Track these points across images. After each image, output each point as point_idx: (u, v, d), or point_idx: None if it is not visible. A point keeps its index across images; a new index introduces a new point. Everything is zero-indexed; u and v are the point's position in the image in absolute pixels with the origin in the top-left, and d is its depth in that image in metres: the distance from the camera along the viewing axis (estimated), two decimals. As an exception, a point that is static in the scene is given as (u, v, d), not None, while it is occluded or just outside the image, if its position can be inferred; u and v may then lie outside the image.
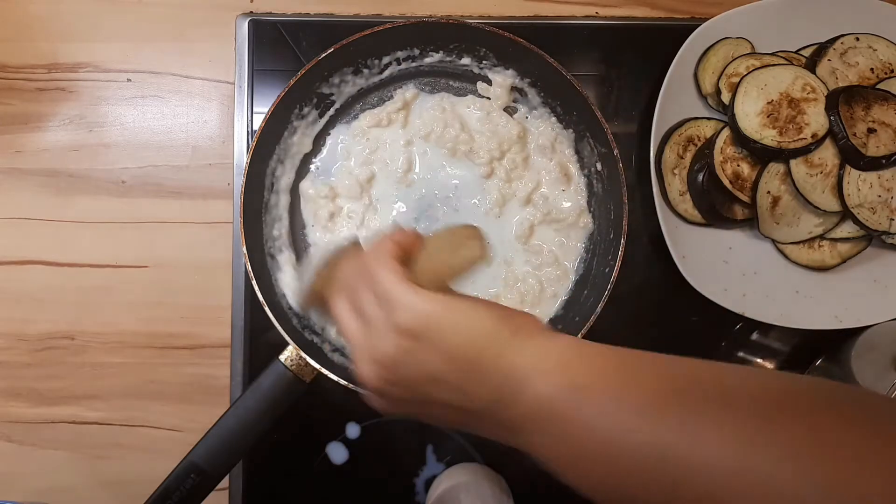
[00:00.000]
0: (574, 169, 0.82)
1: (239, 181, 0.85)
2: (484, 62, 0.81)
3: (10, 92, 0.88)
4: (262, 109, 0.79)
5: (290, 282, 0.79)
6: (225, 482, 0.83)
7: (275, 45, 0.87)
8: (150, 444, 0.86)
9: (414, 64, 0.82)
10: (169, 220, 0.88)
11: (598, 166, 0.79)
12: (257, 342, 0.84)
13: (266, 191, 0.79)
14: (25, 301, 0.87)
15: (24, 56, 0.88)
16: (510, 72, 0.81)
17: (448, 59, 0.81)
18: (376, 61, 0.81)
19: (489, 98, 0.82)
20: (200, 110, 0.89)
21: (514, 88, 0.82)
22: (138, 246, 0.87)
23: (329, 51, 0.76)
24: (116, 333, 0.87)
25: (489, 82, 0.82)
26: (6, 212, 0.87)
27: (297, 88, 0.77)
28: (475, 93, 0.83)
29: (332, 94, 0.81)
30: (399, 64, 0.82)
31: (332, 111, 0.83)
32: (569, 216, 0.80)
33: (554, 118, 0.82)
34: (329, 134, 0.83)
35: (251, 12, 0.88)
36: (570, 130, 0.81)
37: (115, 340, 0.87)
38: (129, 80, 0.89)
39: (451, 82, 0.84)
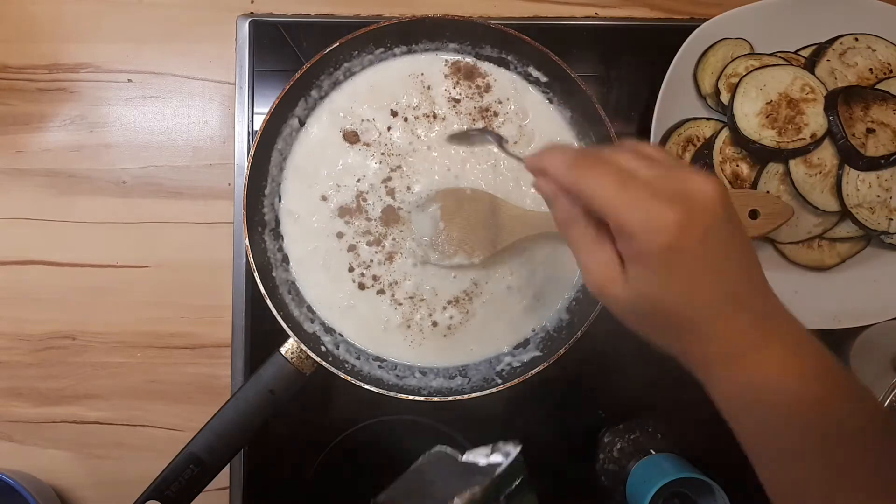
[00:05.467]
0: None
1: (239, 181, 0.85)
2: (486, 62, 0.81)
3: (11, 92, 0.88)
4: (263, 110, 0.79)
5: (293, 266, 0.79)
6: (225, 482, 0.83)
7: (275, 45, 0.87)
8: (151, 444, 0.86)
9: (414, 64, 0.82)
10: (169, 221, 0.88)
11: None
12: (258, 342, 0.84)
13: (267, 186, 0.79)
14: (26, 301, 0.87)
15: (25, 56, 0.89)
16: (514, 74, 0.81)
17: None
18: (376, 61, 0.81)
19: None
20: (201, 111, 0.89)
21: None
22: (139, 246, 0.87)
23: (328, 49, 0.76)
24: (117, 333, 0.87)
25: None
26: (7, 212, 0.88)
27: (297, 88, 0.77)
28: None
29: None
30: (399, 64, 0.82)
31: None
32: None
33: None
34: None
35: (252, 13, 0.88)
36: (575, 129, 0.81)
37: (115, 340, 0.87)
38: (129, 80, 0.89)
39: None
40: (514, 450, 0.64)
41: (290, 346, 0.74)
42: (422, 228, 0.79)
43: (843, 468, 0.47)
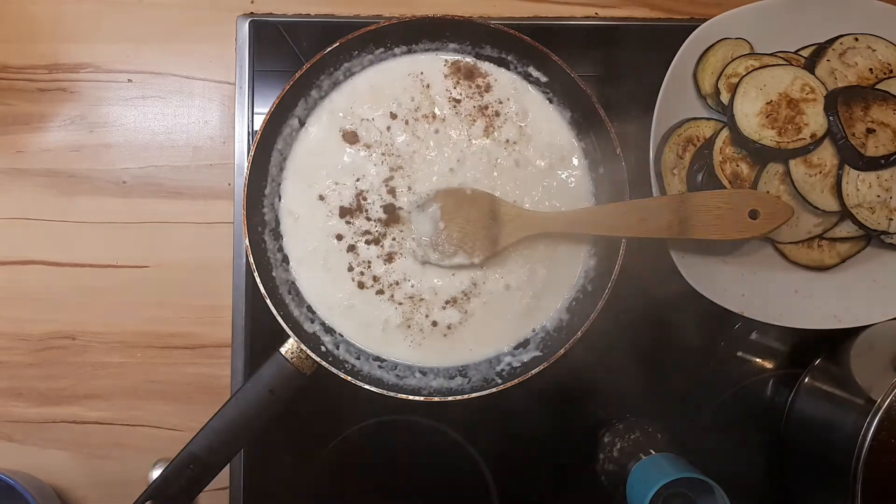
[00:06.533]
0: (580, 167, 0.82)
1: (239, 181, 0.85)
2: (486, 63, 0.81)
3: (12, 92, 0.88)
4: (263, 110, 0.79)
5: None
6: (225, 482, 0.83)
7: (275, 45, 0.87)
8: (151, 444, 0.86)
9: (414, 64, 0.82)
10: (169, 221, 0.88)
11: (602, 167, 0.80)
12: (258, 342, 0.84)
13: (267, 186, 0.79)
14: (26, 301, 0.87)
15: (25, 57, 0.89)
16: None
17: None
18: (376, 61, 0.81)
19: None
20: (201, 111, 0.89)
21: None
22: (139, 246, 0.87)
23: (328, 49, 0.76)
24: (117, 333, 0.87)
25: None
26: (7, 212, 0.88)
27: (298, 88, 0.77)
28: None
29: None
30: (399, 64, 0.82)
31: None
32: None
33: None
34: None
35: (252, 13, 0.88)
36: (575, 129, 0.81)
37: (115, 340, 0.87)
38: (129, 80, 0.89)
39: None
40: None
41: (290, 346, 0.74)
42: (422, 228, 0.79)
43: None
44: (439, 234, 0.78)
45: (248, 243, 0.74)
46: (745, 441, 0.85)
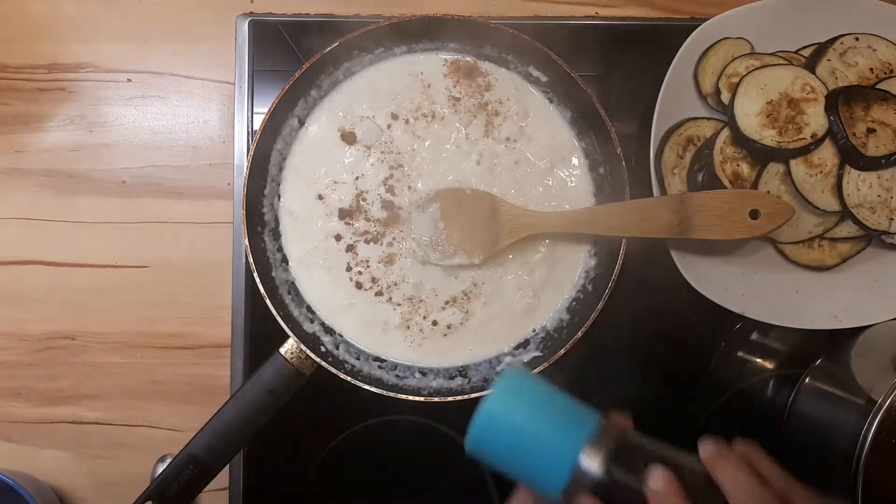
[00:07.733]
0: (580, 168, 0.82)
1: (239, 181, 0.85)
2: (486, 62, 0.81)
3: (11, 92, 0.88)
4: (263, 109, 0.79)
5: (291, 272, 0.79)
6: (225, 482, 0.83)
7: (275, 45, 0.87)
8: (151, 444, 0.86)
9: (415, 63, 0.82)
10: (169, 220, 0.88)
11: (602, 167, 0.80)
12: (257, 342, 0.84)
13: (267, 185, 0.79)
14: (25, 301, 0.87)
15: (24, 56, 0.89)
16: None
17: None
18: (376, 61, 0.81)
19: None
20: (201, 110, 0.89)
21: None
22: (138, 246, 0.87)
23: (328, 49, 0.76)
24: (117, 333, 0.87)
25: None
26: (6, 212, 0.87)
27: (297, 88, 0.77)
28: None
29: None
30: (400, 63, 0.82)
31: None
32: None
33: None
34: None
35: (251, 13, 0.88)
36: (575, 129, 0.81)
37: (115, 340, 0.87)
38: (129, 80, 0.89)
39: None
40: None
41: (289, 347, 0.74)
42: (422, 228, 0.79)
43: None
44: (439, 234, 0.78)
45: (247, 243, 0.74)
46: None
